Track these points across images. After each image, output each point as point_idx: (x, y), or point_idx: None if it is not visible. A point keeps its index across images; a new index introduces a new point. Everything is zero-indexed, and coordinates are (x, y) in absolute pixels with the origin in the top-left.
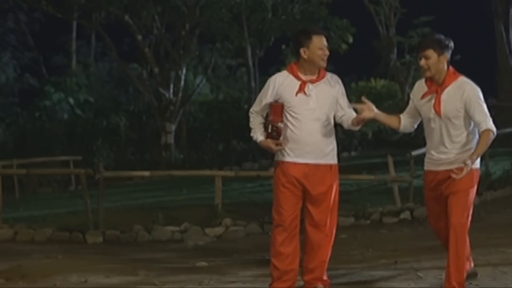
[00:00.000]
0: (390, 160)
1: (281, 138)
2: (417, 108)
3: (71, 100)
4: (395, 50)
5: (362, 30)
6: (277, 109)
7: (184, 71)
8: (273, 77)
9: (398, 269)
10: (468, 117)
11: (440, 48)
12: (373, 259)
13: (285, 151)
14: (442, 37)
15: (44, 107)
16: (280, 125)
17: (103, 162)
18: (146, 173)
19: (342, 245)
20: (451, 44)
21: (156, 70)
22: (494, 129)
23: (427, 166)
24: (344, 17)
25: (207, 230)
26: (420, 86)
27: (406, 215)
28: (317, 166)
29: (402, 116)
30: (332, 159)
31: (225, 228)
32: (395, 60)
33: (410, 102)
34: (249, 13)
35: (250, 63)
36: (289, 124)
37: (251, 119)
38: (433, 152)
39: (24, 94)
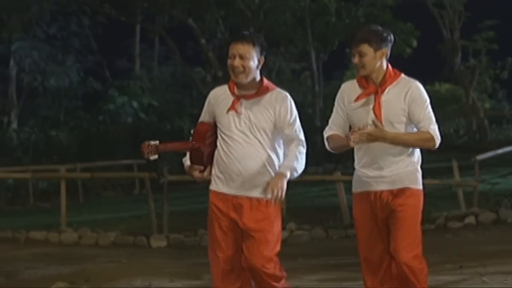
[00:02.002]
0: (454, 164)
1: (205, 163)
2: (348, 114)
3: (134, 104)
4: (460, 54)
5: (426, 33)
6: (199, 130)
7: None
8: (211, 92)
9: (463, 274)
10: (411, 122)
11: (377, 42)
12: (438, 264)
13: (214, 178)
14: (380, 28)
15: (107, 110)
16: (200, 148)
17: (167, 166)
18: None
19: None
20: (391, 37)
21: (220, 73)
22: (437, 137)
23: (359, 187)
24: (408, 21)
25: None
26: (351, 88)
27: (471, 219)
28: (250, 199)
29: (332, 133)
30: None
31: (289, 232)
32: (459, 64)
33: (335, 110)
34: (313, 17)
35: (314, 67)
36: (219, 147)
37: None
38: (366, 170)
39: (87, 97)
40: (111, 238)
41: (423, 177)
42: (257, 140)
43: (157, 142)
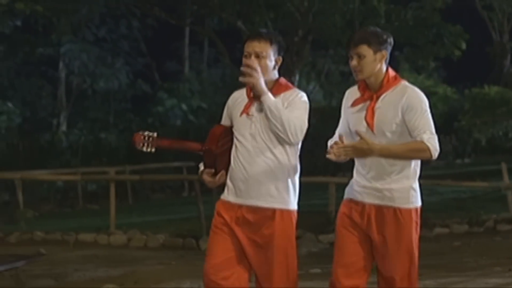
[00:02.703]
0: (504, 167)
1: (218, 167)
2: (348, 121)
3: (184, 106)
4: (509, 57)
5: (476, 36)
6: (213, 131)
7: (297, 77)
8: (233, 94)
9: None
10: (407, 132)
11: (377, 43)
12: (487, 267)
13: (225, 187)
14: (379, 30)
15: (157, 113)
16: (211, 150)
17: None
18: None
19: (456, 253)
20: (391, 40)
21: None
22: (434, 148)
23: (347, 194)
24: (457, 24)
25: (321, 237)
26: (353, 93)
27: None
28: (256, 209)
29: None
30: (280, 202)
31: None
32: (508, 67)
33: (341, 117)
34: (362, 19)
35: None
36: (232, 152)
37: None
38: (359, 178)
39: (137, 100)
40: (160, 240)
41: (472, 178)
42: (265, 145)
43: (155, 134)
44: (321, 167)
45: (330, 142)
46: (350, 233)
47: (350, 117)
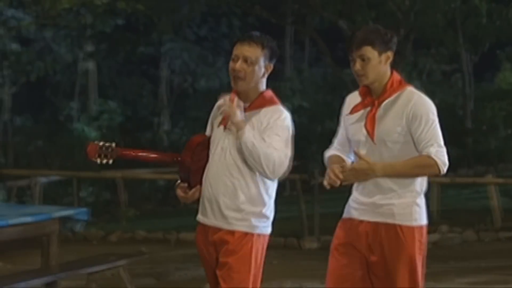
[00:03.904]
0: None
1: (193, 181)
2: (346, 129)
3: (285, 105)
4: None
5: None
6: (190, 141)
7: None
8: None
9: None
10: (411, 143)
11: (382, 43)
12: None
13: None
14: (382, 28)
15: None
16: (185, 162)
17: (318, 168)
18: None
19: None
20: (395, 39)
21: None
22: (442, 162)
23: (346, 213)
24: None
25: None
26: (353, 98)
27: None
28: (217, 231)
29: (331, 153)
30: (242, 226)
31: (441, 234)
32: None
33: (340, 126)
34: (464, 19)
35: (465, 69)
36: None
37: None
38: (358, 194)
39: None
40: None
41: None
42: (233, 161)
43: (113, 144)
44: None
45: (326, 153)
46: (344, 256)
47: (349, 125)
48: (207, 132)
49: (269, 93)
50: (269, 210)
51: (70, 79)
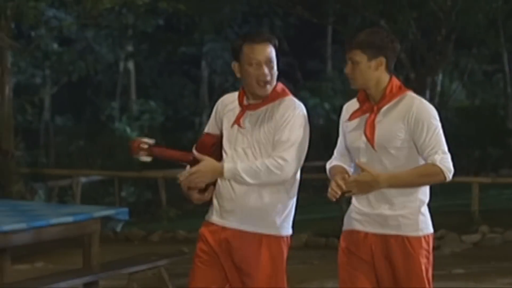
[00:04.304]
0: None
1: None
2: (345, 137)
3: (326, 106)
4: None
5: None
6: (204, 142)
7: (440, 76)
8: (220, 99)
9: None
10: (413, 149)
11: (373, 48)
12: None
13: (211, 205)
14: (382, 33)
15: None
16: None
17: None
18: None
19: None
20: (394, 45)
21: (412, 75)
22: (448, 169)
23: (347, 224)
24: None
25: (464, 237)
26: (352, 106)
27: None
28: (241, 234)
29: (333, 164)
30: (268, 227)
31: (481, 235)
32: None
33: (340, 135)
34: (505, 18)
35: (506, 69)
36: None
37: None
38: (359, 204)
39: None
40: (303, 239)
41: None
42: (255, 160)
43: (152, 141)
44: (464, 167)
45: (328, 165)
46: (351, 269)
47: (348, 133)
48: (209, 129)
49: (281, 85)
50: (291, 210)
51: (111, 79)
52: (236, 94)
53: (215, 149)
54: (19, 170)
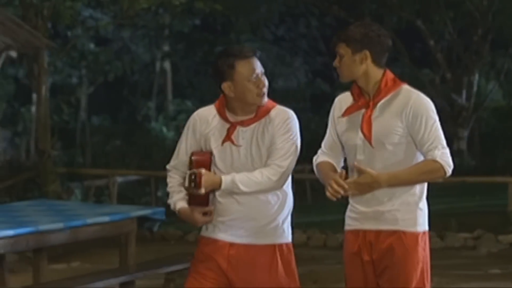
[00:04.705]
0: None
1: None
2: (338, 133)
3: None
4: None
5: None
6: (202, 161)
7: (476, 76)
8: (195, 113)
9: None
10: (411, 144)
11: (357, 42)
12: None
13: (209, 224)
14: (369, 27)
15: None
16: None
17: None
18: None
19: None
20: (382, 40)
21: (448, 75)
22: (448, 164)
23: (348, 224)
24: None
25: (500, 237)
26: (344, 100)
27: None
28: (252, 248)
29: (321, 160)
30: (279, 237)
31: None
32: None
33: (328, 128)
34: None
35: None
36: None
37: (167, 179)
38: (356, 203)
39: (315, 99)
40: (340, 239)
41: None
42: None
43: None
44: (500, 167)
45: (314, 160)
46: (353, 269)
47: (342, 128)
48: (189, 146)
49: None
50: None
51: (147, 79)
52: (210, 109)
53: (210, 168)
54: (55, 170)
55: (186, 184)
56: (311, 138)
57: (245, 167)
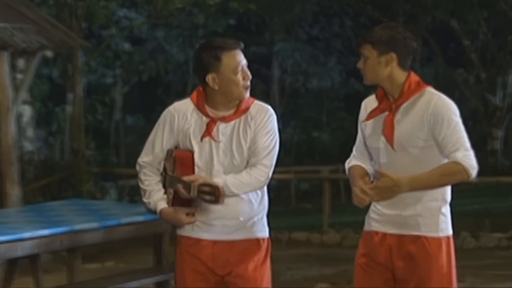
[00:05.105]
0: None
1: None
2: (364, 136)
3: None
4: None
5: None
6: (185, 158)
7: (510, 76)
8: (171, 107)
9: None
10: (435, 147)
11: (383, 43)
12: None
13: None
14: (397, 29)
15: None
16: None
17: None
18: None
19: None
20: (408, 42)
21: (483, 75)
22: (472, 166)
23: (367, 225)
24: None
25: None
26: (370, 102)
27: None
28: (232, 243)
29: (353, 164)
30: (260, 231)
31: None
32: None
33: (358, 133)
34: None
35: None
36: None
37: (140, 175)
38: (379, 205)
39: (349, 98)
40: None
41: None
42: (233, 171)
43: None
44: None
45: (346, 164)
46: (367, 272)
47: (368, 132)
48: (166, 143)
49: None
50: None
51: (181, 78)
52: (187, 103)
53: (194, 165)
54: (90, 169)
55: (193, 193)
56: (345, 138)
57: (223, 164)
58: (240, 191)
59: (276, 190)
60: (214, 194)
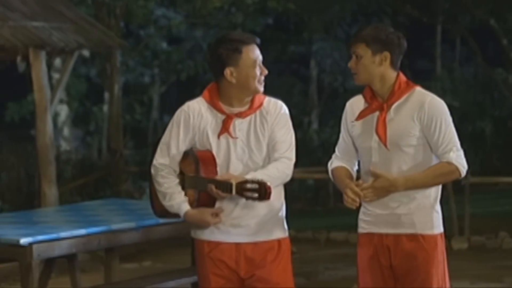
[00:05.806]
0: None
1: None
2: (352, 137)
3: None
4: None
5: None
6: (207, 159)
7: None
8: (184, 106)
9: None
10: (427, 146)
11: (377, 42)
12: None
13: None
14: (388, 29)
15: None
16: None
17: (469, 168)
18: None
19: None
20: (401, 42)
21: None
22: (462, 166)
23: (363, 227)
24: None
25: None
26: (356, 103)
27: None
28: (254, 245)
29: (336, 165)
30: (281, 232)
31: None
32: None
33: (341, 133)
34: None
35: None
36: None
37: (158, 178)
38: (372, 206)
39: None
40: None
41: None
42: (252, 167)
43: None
44: None
45: (329, 164)
46: (369, 273)
47: (357, 132)
48: (183, 143)
49: None
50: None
51: None
52: (199, 101)
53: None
54: (127, 169)
55: (234, 192)
56: None
57: (242, 160)
58: (272, 186)
59: (314, 190)
60: (261, 190)
